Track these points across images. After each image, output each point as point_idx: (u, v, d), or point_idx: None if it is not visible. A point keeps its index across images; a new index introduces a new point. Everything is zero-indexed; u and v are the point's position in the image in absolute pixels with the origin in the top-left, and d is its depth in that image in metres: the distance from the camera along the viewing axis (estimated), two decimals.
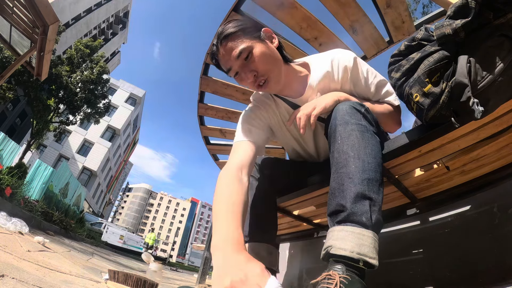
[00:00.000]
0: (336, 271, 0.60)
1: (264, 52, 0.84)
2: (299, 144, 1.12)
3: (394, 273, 1.50)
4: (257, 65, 0.84)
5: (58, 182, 8.07)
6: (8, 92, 10.74)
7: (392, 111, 0.96)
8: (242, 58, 0.83)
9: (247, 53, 0.83)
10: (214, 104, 2.50)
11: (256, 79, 0.86)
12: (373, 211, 0.65)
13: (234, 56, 0.83)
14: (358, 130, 0.73)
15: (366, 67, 0.95)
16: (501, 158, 0.94)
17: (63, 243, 3.32)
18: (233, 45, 0.83)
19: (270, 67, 0.86)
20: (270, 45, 0.88)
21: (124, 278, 1.01)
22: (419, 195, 1.18)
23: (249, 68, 0.85)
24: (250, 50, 0.83)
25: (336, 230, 0.66)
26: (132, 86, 31.49)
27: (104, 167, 27.21)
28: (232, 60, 0.85)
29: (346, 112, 0.77)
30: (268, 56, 0.85)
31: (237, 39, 0.83)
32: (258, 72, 0.85)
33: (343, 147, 0.72)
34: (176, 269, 11.27)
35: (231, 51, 0.83)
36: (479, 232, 1.26)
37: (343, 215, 0.66)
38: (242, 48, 0.82)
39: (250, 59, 0.84)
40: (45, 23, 2.81)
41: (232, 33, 0.83)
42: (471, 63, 0.61)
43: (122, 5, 32.47)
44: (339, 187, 0.69)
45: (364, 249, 0.61)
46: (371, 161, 0.69)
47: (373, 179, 0.67)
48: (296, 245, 2.38)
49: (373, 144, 0.73)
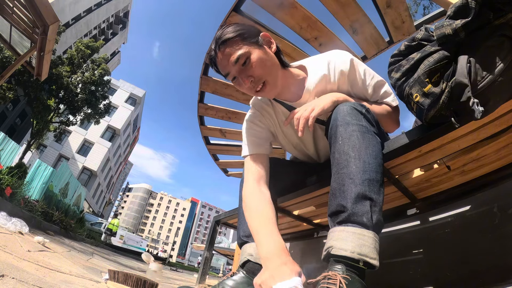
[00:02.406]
0: (336, 271, 0.60)
1: (261, 57, 0.85)
2: (299, 146, 1.12)
3: (394, 273, 1.50)
4: (254, 71, 0.85)
5: (58, 182, 8.07)
6: (8, 92, 10.73)
7: (390, 111, 0.96)
8: (239, 64, 0.84)
9: (244, 59, 0.84)
10: (214, 104, 2.51)
11: (253, 84, 0.86)
12: (374, 212, 0.65)
13: (232, 62, 0.84)
14: (359, 130, 0.73)
15: (363, 67, 0.95)
16: (501, 158, 0.94)
17: (63, 243, 3.32)
18: (231, 50, 0.84)
19: (266, 72, 0.86)
20: (267, 51, 0.88)
21: (124, 278, 1.01)
22: (419, 195, 1.18)
23: (246, 74, 0.85)
24: (248, 56, 0.84)
25: (337, 231, 0.66)
26: (132, 86, 31.50)
27: (104, 167, 27.21)
28: (230, 65, 0.85)
29: (347, 112, 0.77)
30: (265, 62, 0.86)
31: (235, 45, 0.84)
32: (255, 78, 0.85)
33: (344, 147, 0.72)
34: (176, 269, 11.27)
35: (229, 57, 0.84)
36: (479, 232, 1.26)
37: (344, 216, 0.66)
38: (239, 54, 0.83)
39: (247, 65, 0.84)
40: (45, 23, 2.81)
41: (230, 38, 0.84)
42: (471, 63, 0.60)
43: (122, 5, 32.46)
44: (340, 188, 0.69)
45: (364, 250, 0.61)
46: (372, 162, 0.69)
47: (374, 180, 0.68)
48: (296, 245, 2.38)
49: (374, 144, 0.73)
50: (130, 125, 31.93)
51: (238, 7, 1.72)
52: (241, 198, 0.97)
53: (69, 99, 11.85)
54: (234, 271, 0.92)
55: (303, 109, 0.85)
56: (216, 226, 2.11)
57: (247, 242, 0.96)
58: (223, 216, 1.97)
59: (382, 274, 1.45)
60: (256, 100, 1.08)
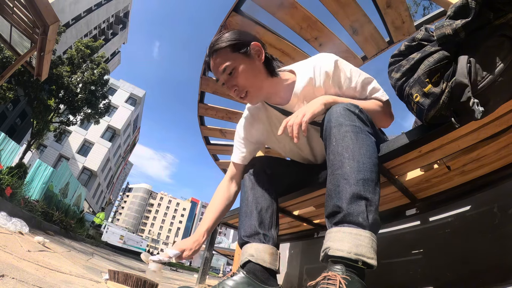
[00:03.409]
0: (335, 272, 0.60)
1: (245, 69, 0.92)
2: (294, 150, 1.14)
3: (394, 273, 1.50)
4: (238, 81, 0.93)
5: (58, 182, 8.07)
6: (8, 92, 10.73)
7: (382, 106, 0.95)
8: (226, 73, 0.93)
9: (230, 70, 0.92)
10: (214, 104, 2.50)
11: (237, 92, 0.95)
12: (370, 211, 0.65)
13: (220, 71, 0.93)
14: (352, 131, 0.74)
15: (349, 67, 0.96)
16: (501, 158, 0.94)
17: (63, 243, 3.32)
18: (220, 60, 0.92)
19: (249, 83, 0.93)
20: (255, 61, 0.94)
21: (124, 278, 1.01)
22: (419, 195, 1.18)
23: (231, 83, 0.94)
24: (234, 67, 0.92)
25: (333, 232, 0.66)
26: (132, 86, 31.49)
27: (104, 167, 27.22)
28: (219, 73, 0.94)
29: (340, 114, 0.78)
30: (249, 73, 0.93)
31: (224, 55, 0.92)
32: (239, 87, 0.93)
33: (338, 148, 0.73)
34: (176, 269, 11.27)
35: (219, 66, 0.92)
36: (479, 232, 1.26)
37: (340, 216, 0.66)
38: (226, 65, 0.91)
39: (233, 75, 0.92)
40: (45, 23, 2.81)
41: (220, 48, 0.91)
42: (471, 63, 0.60)
43: (122, 5, 32.46)
44: (335, 189, 0.69)
45: (361, 250, 0.61)
46: (366, 162, 0.70)
47: (369, 179, 0.68)
48: (296, 245, 2.39)
49: (368, 144, 0.73)
50: (130, 125, 31.93)
51: (238, 7, 1.72)
52: (241, 198, 1.04)
53: (69, 99, 11.84)
54: (234, 271, 0.92)
55: (294, 116, 0.86)
56: (216, 226, 2.11)
57: (248, 242, 0.96)
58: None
59: (382, 274, 1.45)
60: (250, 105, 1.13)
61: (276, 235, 0.99)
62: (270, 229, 0.98)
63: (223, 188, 1.15)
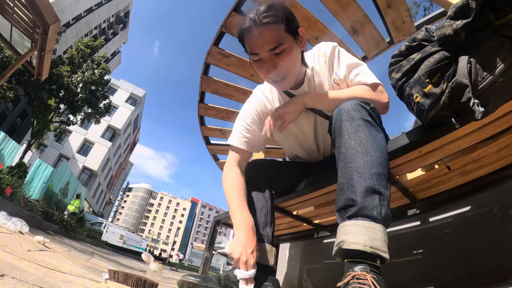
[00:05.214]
0: (364, 271, 0.59)
1: (293, 54, 0.86)
2: (299, 136, 1.11)
3: (395, 274, 1.50)
4: (282, 64, 0.85)
5: (58, 182, 8.09)
6: (8, 91, 10.74)
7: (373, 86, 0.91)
8: (273, 52, 0.84)
9: (280, 50, 0.83)
10: (215, 104, 2.50)
11: (274, 75, 0.87)
12: (383, 205, 0.65)
13: (267, 46, 0.82)
14: (365, 125, 0.74)
15: (347, 55, 0.98)
16: (502, 159, 0.94)
17: (63, 243, 3.32)
18: (271, 37, 0.82)
19: (291, 69, 0.88)
20: (299, 47, 0.90)
21: (124, 278, 1.01)
22: (420, 195, 1.18)
23: (274, 63, 0.85)
24: (284, 48, 0.84)
25: (347, 225, 0.65)
26: (133, 86, 31.50)
27: (104, 167, 27.22)
28: (263, 49, 0.83)
29: (352, 108, 0.77)
30: (294, 59, 0.87)
31: (277, 32, 0.82)
32: (280, 70, 0.86)
33: (350, 142, 0.72)
34: (176, 269, 11.28)
35: (268, 41, 0.82)
36: (479, 232, 1.26)
37: (354, 210, 0.65)
38: (279, 44, 0.82)
39: (279, 56, 0.84)
40: (45, 22, 2.82)
41: (275, 21, 0.81)
42: (471, 64, 0.60)
43: (123, 5, 32.46)
44: (348, 182, 0.68)
45: (376, 243, 0.61)
46: (379, 156, 0.70)
47: (382, 174, 0.68)
48: (296, 245, 2.38)
49: (380, 139, 0.73)
50: (131, 125, 31.93)
51: (239, 7, 1.72)
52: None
53: (70, 98, 11.85)
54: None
55: (273, 112, 0.94)
56: (216, 226, 2.11)
57: None
58: (223, 216, 1.97)
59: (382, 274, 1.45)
60: (260, 89, 1.12)
61: (271, 233, 0.99)
62: (265, 228, 0.98)
63: (237, 175, 1.00)
